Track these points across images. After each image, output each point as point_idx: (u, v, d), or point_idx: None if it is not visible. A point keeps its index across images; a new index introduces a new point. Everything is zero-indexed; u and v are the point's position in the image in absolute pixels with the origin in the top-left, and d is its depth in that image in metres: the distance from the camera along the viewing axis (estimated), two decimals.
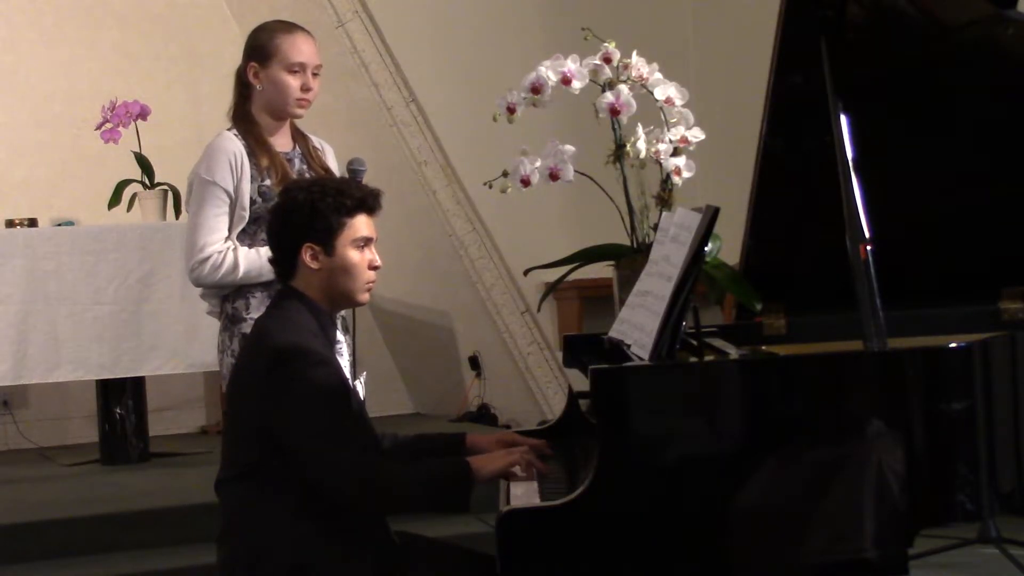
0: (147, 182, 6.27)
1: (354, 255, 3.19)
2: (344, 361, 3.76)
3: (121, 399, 6.29)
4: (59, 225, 6.40)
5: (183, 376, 6.72)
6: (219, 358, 3.88)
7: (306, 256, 3.17)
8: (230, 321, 3.84)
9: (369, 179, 3.32)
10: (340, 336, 3.67)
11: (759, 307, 3.79)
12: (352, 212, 3.18)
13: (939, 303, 3.73)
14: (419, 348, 7.78)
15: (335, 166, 4.00)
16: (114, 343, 6.07)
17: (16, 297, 5.99)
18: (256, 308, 3.78)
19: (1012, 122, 3.69)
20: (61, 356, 6.04)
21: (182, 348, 6.07)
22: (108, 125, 6.35)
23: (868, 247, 3.25)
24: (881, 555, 2.96)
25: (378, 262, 3.25)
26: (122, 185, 6.32)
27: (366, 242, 3.21)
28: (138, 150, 6.26)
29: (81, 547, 5.07)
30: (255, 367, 3.12)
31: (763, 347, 3.75)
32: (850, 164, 3.34)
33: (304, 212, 3.16)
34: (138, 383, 6.32)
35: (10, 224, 6.33)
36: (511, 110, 3.93)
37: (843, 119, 3.37)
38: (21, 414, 7.14)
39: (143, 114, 6.35)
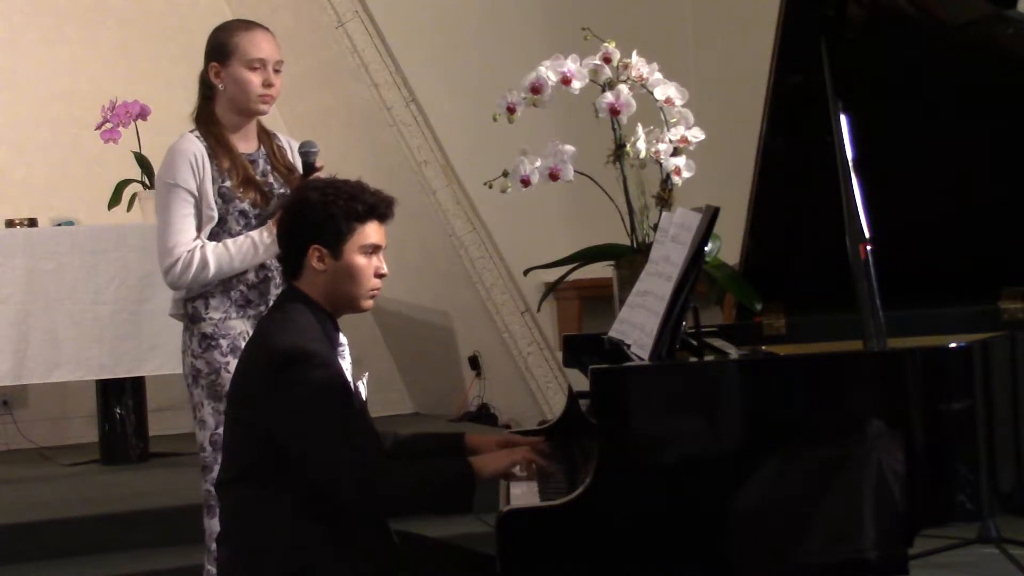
0: (147, 182, 6.25)
1: (361, 261, 3.19)
2: (346, 364, 3.75)
3: (121, 399, 6.29)
4: (59, 225, 6.40)
5: (183, 376, 6.70)
6: (181, 359, 3.90)
7: (313, 257, 3.17)
8: (190, 321, 3.86)
9: (368, 179, 3.30)
10: (342, 339, 3.66)
11: (759, 307, 3.79)
12: (364, 218, 3.18)
13: (939, 303, 3.73)
14: (419, 348, 7.77)
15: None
16: (114, 343, 6.06)
17: (16, 297, 5.99)
18: (215, 308, 3.83)
19: (1012, 122, 3.69)
20: (61, 356, 6.03)
21: None
22: (108, 125, 6.35)
23: (868, 247, 3.25)
24: (881, 555, 2.96)
25: (384, 270, 3.25)
26: (122, 185, 6.31)
27: (374, 249, 3.21)
28: (138, 150, 6.25)
29: (81, 547, 5.07)
30: (257, 369, 3.12)
31: (763, 347, 3.75)
32: (850, 164, 3.34)
33: (316, 213, 3.17)
34: (138, 383, 6.32)
35: (10, 224, 6.32)
36: (511, 110, 3.93)
37: (843, 119, 3.37)
38: (21, 414, 7.13)
39: (143, 114, 6.34)
